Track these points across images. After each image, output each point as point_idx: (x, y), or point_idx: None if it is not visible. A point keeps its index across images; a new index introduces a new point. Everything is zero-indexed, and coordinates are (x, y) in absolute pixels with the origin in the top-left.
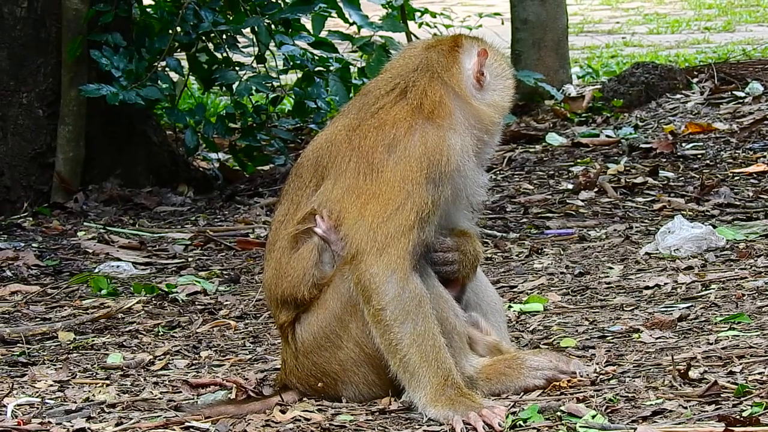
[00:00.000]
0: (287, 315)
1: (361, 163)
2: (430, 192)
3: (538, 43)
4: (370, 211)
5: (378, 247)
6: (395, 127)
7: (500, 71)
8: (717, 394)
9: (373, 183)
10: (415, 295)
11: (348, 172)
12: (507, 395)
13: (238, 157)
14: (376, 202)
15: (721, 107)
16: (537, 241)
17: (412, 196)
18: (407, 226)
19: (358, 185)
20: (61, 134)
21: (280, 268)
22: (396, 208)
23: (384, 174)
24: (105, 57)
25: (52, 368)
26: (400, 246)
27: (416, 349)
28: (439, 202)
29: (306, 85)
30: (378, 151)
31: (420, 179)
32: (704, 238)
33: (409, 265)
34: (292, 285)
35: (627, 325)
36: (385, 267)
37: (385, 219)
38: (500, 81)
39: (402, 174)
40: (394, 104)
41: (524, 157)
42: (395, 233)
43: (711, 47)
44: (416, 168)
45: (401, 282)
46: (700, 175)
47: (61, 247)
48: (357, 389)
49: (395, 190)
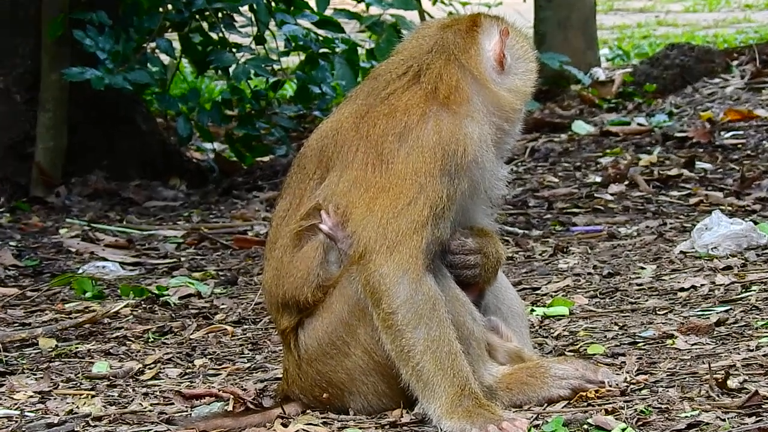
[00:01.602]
0: (289, 320)
1: (370, 154)
2: (445, 185)
3: (563, 23)
4: (380, 206)
5: (388, 245)
6: (407, 114)
7: (522, 53)
8: (758, 405)
9: (382, 175)
10: (429, 297)
11: (355, 163)
12: (529, 406)
13: (235, 147)
14: (386, 196)
15: (763, 92)
16: (562, 239)
17: (425, 189)
18: (420, 223)
19: (366, 178)
20: (41, 122)
21: (281, 268)
22: (408, 202)
23: (395, 165)
24: (89, 37)
25: (32, 378)
26: (413, 244)
27: (430, 356)
28: (454, 197)
29: (309, 69)
30: (388, 140)
31: (434, 171)
32: (744, 235)
33: (423, 264)
34: (295, 287)
35: (660, 331)
36: (396, 267)
37: (396, 214)
38: (522, 64)
39: (414, 166)
40: (406, 89)
41: (548, 147)
42: (407, 230)
43: (752, 26)
44: (430, 159)
45: (414, 283)
46: (740, 166)
47: (41, 246)
48: (366, 400)
49: (407, 183)
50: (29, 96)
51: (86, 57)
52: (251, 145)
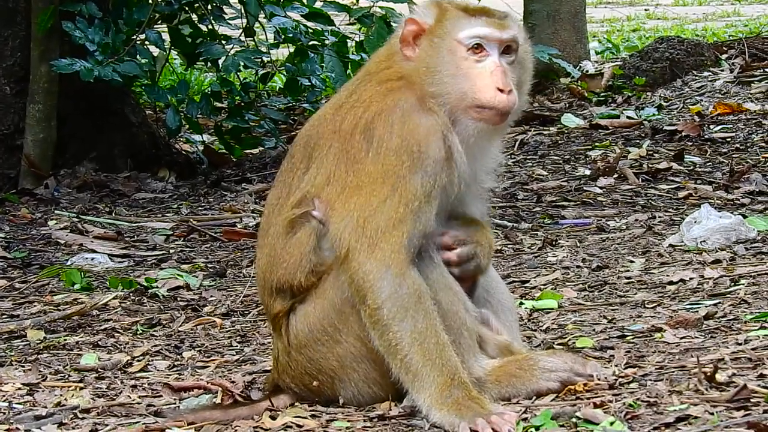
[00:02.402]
0: (282, 304)
1: (341, 152)
2: (418, 182)
3: (553, 16)
4: (355, 205)
5: (369, 243)
6: (368, 110)
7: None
8: (746, 399)
9: (354, 175)
10: (414, 290)
11: (329, 158)
12: (518, 399)
13: (224, 140)
14: (360, 195)
15: (752, 86)
16: (551, 232)
17: (398, 189)
18: (398, 219)
19: (339, 176)
20: (31, 114)
21: (274, 254)
22: (383, 200)
23: (365, 167)
24: (78, 29)
25: (21, 370)
26: (393, 240)
27: (418, 347)
28: (431, 191)
29: (299, 61)
30: (356, 139)
31: (403, 172)
32: (733, 228)
33: (406, 258)
34: (289, 272)
35: (649, 324)
36: (378, 263)
37: (373, 212)
38: (437, 41)
39: (384, 168)
40: (371, 82)
41: (537, 140)
42: (386, 227)
43: (742, 20)
44: (395, 162)
45: (397, 278)
46: (730, 160)
47: (30, 238)
48: (356, 388)
49: (378, 184)
50: (19, 88)
51: (76, 49)
52: (240, 137)
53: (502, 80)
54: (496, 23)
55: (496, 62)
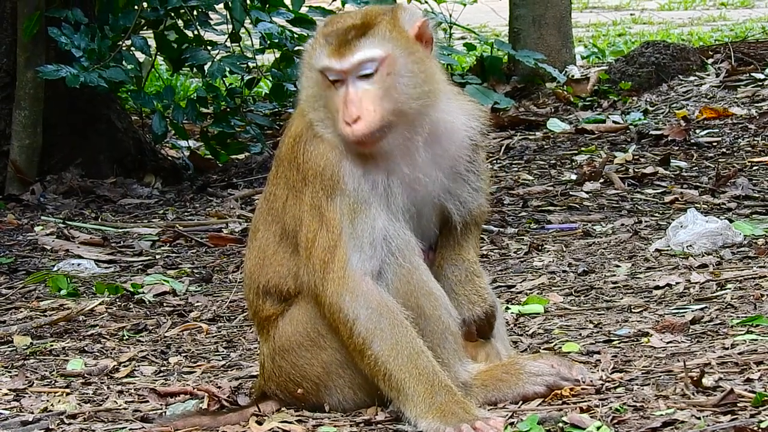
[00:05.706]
0: (273, 307)
1: (284, 181)
2: (337, 206)
3: (538, 20)
4: (301, 241)
5: (318, 278)
6: (288, 144)
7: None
8: (733, 403)
9: (294, 207)
10: (375, 307)
11: (279, 184)
12: (504, 404)
13: (210, 145)
14: (301, 230)
15: (738, 90)
16: (537, 237)
17: (324, 218)
18: (332, 245)
19: (287, 205)
20: (17, 120)
21: (264, 256)
22: (315, 233)
23: (303, 198)
24: (64, 35)
25: (7, 376)
26: (336, 266)
27: (393, 362)
28: (357, 206)
29: (284, 66)
30: (291, 169)
31: (320, 202)
32: (720, 233)
33: (358, 278)
34: (279, 276)
35: (635, 329)
36: (333, 294)
37: (311, 247)
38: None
39: (311, 201)
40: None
41: (523, 144)
42: (324, 257)
43: (728, 24)
44: (312, 194)
45: (353, 302)
46: (716, 164)
47: (16, 243)
48: (342, 394)
49: (308, 217)
50: (4, 94)
51: (62, 55)
52: (226, 143)
53: (349, 111)
54: (336, 52)
55: (346, 92)
